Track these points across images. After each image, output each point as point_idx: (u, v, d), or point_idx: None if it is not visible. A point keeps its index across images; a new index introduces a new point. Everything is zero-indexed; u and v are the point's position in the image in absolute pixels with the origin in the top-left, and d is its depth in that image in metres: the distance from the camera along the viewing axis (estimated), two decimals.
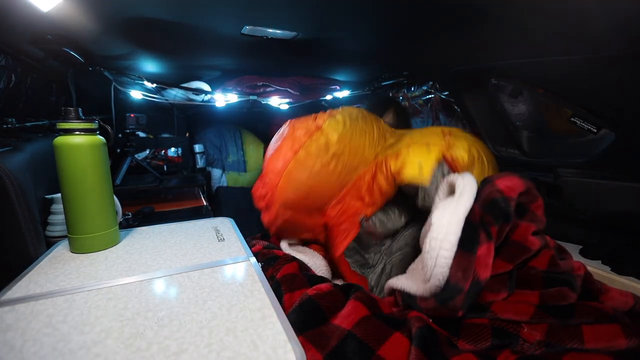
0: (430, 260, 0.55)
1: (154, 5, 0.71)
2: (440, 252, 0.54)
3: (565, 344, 0.49)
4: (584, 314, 0.53)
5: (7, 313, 0.44)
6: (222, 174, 1.95)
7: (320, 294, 0.57)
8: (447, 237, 0.55)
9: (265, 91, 1.46)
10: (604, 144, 0.82)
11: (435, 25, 0.81)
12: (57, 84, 1.08)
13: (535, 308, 0.55)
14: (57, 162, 0.61)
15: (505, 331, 0.53)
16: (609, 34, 0.60)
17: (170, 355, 0.36)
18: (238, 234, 0.75)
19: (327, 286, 0.59)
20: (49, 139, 0.95)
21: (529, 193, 0.66)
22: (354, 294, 0.58)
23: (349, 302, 0.56)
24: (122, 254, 0.64)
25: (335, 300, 0.57)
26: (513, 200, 0.62)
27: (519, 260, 0.61)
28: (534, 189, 0.67)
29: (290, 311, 0.54)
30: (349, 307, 0.55)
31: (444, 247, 0.54)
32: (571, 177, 0.87)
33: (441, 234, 0.56)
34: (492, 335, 0.52)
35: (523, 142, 1.06)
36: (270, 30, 0.85)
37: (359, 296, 0.58)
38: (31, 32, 0.78)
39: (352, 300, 0.57)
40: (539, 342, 0.51)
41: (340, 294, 0.59)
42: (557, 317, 0.53)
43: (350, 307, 0.55)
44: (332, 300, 0.57)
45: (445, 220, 0.57)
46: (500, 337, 0.52)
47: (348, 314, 0.54)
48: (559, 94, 0.84)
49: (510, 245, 0.63)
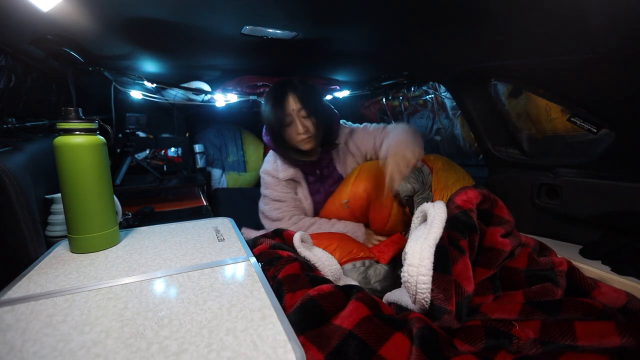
0: (411, 288, 0.58)
1: (154, 5, 0.71)
2: (419, 278, 0.57)
3: (558, 340, 0.50)
4: (571, 309, 0.54)
5: (7, 313, 0.44)
6: (222, 174, 1.95)
7: (321, 295, 0.57)
8: (422, 262, 0.58)
9: (265, 91, 1.46)
10: (603, 144, 0.82)
11: (436, 25, 0.81)
12: (57, 84, 1.09)
13: (522, 305, 0.57)
14: (57, 162, 0.61)
15: (497, 330, 0.54)
16: (608, 33, 0.60)
17: (170, 355, 0.36)
18: (238, 234, 0.75)
19: (328, 287, 0.59)
20: (49, 139, 0.95)
21: (486, 200, 0.72)
22: (355, 295, 0.58)
23: (350, 302, 0.56)
24: (122, 254, 0.64)
25: (337, 300, 0.57)
26: (472, 211, 0.68)
27: (496, 263, 0.66)
28: (490, 194, 0.74)
29: (292, 311, 0.54)
30: (350, 308, 0.55)
31: (421, 273, 0.57)
32: (571, 177, 0.87)
33: (416, 260, 0.59)
34: (485, 335, 0.53)
35: (523, 142, 1.06)
36: (270, 30, 0.85)
37: (360, 297, 0.58)
38: (31, 32, 0.78)
39: (353, 300, 0.57)
40: (534, 341, 0.51)
41: (341, 295, 0.59)
42: (545, 313, 0.55)
43: (351, 307, 0.55)
44: (333, 301, 0.57)
45: (418, 248, 0.60)
46: (493, 336, 0.53)
47: (349, 314, 0.54)
48: (559, 94, 0.84)
49: (484, 252, 0.68)
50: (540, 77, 0.84)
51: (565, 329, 0.50)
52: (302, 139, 1.01)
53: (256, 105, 1.64)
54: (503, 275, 0.67)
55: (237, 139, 2.05)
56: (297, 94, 1.00)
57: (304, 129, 1.00)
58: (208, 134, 1.99)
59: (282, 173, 1.09)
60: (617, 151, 0.77)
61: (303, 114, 1.00)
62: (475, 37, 0.81)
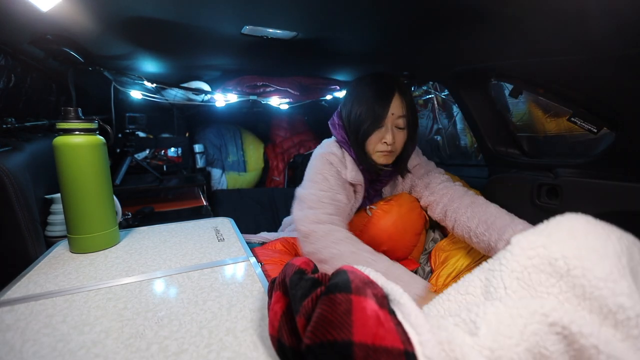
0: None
1: (154, 5, 0.71)
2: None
3: None
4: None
5: (6, 313, 0.44)
6: (222, 174, 1.95)
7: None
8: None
9: (265, 91, 1.46)
10: (604, 144, 0.82)
11: (435, 25, 0.81)
12: (56, 84, 1.08)
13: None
14: (56, 162, 0.61)
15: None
16: (608, 33, 0.60)
17: (170, 355, 0.36)
18: (238, 234, 0.75)
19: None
20: (48, 139, 0.95)
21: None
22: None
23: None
24: (121, 254, 0.64)
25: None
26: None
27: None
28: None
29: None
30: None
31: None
32: (572, 177, 0.87)
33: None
34: None
35: (523, 142, 1.06)
36: (270, 30, 0.85)
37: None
38: (31, 31, 0.78)
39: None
40: None
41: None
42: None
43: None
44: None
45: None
46: None
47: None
48: (559, 94, 0.84)
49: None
50: (540, 77, 0.84)
51: None
52: (384, 150, 0.83)
53: (256, 105, 1.64)
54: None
55: (237, 139, 2.05)
56: (404, 98, 0.83)
57: (392, 141, 0.82)
58: (208, 134, 1.99)
59: (350, 173, 0.86)
60: (618, 151, 0.77)
61: (400, 123, 0.83)
62: (476, 37, 0.81)
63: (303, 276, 0.37)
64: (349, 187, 0.87)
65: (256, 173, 2.08)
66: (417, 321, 0.30)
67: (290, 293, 0.36)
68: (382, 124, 0.82)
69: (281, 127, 2.23)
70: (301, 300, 0.34)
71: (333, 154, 0.88)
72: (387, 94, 0.82)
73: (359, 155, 0.86)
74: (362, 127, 0.83)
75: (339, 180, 0.85)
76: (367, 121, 0.82)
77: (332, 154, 0.88)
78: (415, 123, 0.88)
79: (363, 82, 0.86)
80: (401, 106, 0.83)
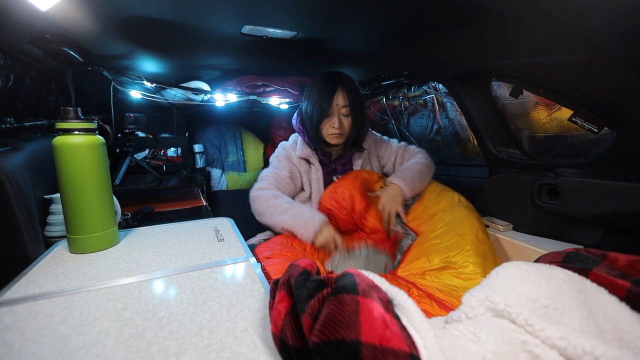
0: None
1: (154, 5, 0.71)
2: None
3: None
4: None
5: (6, 313, 0.44)
6: (222, 174, 1.94)
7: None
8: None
9: (265, 91, 1.46)
10: (604, 144, 0.82)
11: (436, 25, 0.81)
12: (56, 84, 1.08)
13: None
14: (56, 162, 0.60)
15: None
16: (609, 34, 0.60)
17: (170, 355, 0.36)
18: (238, 234, 0.75)
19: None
20: (47, 139, 0.95)
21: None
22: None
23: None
24: (121, 254, 0.64)
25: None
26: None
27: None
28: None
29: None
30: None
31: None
32: (572, 177, 0.87)
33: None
34: None
35: (523, 142, 1.06)
36: (270, 30, 0.85)
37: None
38: (30, 31, 0.78)
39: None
40: None
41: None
42: None
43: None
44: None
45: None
46: None
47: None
48: (559, 94, 0.84)
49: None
50: (540, 77, 0.84)
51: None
52: (334, 133, 1.06)
53: (256, 105, 1.64)
54: None
55: (237, 139, 2.05)
56: (346, 91, 1.04)
57: (339, 125, 1.04)
58: (208, 134, 1.99)
59: (299, 151, 1.13)
60: (618, 151, 0.77)
61: (344, 111, 1.05)
62: (476, 36, 0.81)
63: (309, 277, 0.38)
64: (302, 162, 1.14)
65: (256, 173, 2.07)
66: (422, 326, 0.30)
67: (295, 293, 0.37)
68: (329, 113, 1.05)
69: (281, 127, 2.22)
70: (307, 301, 0.34)
71: (285, 143, 1.19)
72: (330, 89, 1.03)
73: (312, 138, 1.10)
74: (314, 118, 1.06)
75: (286, 161, 1.13)
76: (316, 113, 1.05)
77: (284, 143, 1.19)
78: (360, 109, 1.09)
79: (313, 82, 1.09)
80: (344, 98, 1.04)
